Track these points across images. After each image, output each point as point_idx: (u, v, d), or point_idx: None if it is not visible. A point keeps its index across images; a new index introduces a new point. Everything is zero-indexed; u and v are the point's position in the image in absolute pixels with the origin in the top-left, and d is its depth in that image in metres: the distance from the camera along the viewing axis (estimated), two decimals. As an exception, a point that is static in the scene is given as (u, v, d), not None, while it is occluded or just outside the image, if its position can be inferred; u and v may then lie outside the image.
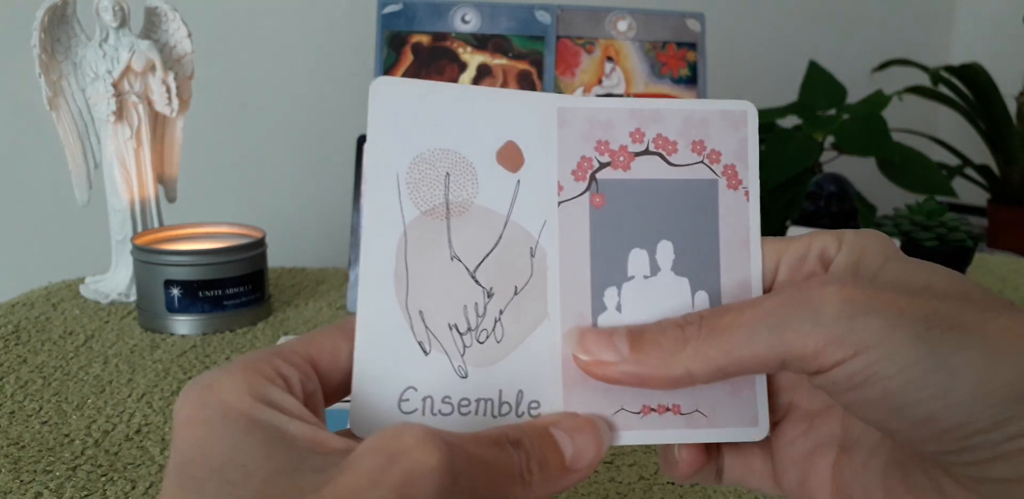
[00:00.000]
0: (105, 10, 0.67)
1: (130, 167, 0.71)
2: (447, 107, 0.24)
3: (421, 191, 0.23)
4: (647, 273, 0.24)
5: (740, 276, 0.24)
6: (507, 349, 0.23)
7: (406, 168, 0.23)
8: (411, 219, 0.23)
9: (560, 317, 0.24)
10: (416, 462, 0.18)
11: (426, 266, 0.23)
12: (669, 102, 0.25)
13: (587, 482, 0.42)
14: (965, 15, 2.19)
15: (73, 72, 0.69)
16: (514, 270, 0.24)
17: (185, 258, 0.63)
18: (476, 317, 0.23)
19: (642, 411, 0.24)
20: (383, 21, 0.75)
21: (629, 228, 0.24)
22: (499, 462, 0.20)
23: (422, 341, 0.23)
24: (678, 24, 0.77)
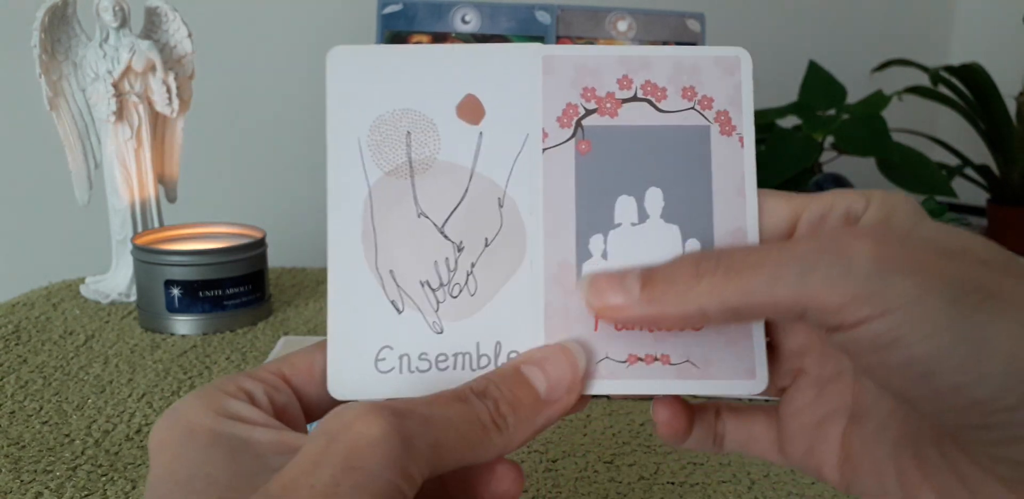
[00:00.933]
0: (105, 10, 0.67)
1: (130, 167, 0.71)
2: (404, 68, 0.24)
3: (383, 152, 0.24)
4: (635, 220, 0.24)
5: (734, 225, 0.23)
6: (482, 301, 0.23)
7: (367, 131, 0.24)
8: (375, 180, 0.24)
9: (543, 264, 0.23)
10: (358, 434, 0.18)
11: (393, 225, 0.23)
12: (658, 49, 0.24)
13: (587, 482, 0.42)
14: (965, 15, 2.19)
15: (73, 72, 0.69)
16: (483, 222, 0.24)
17: (185, 258, 0.63)
18: (448, 272, 0.23)
19: (628, 360, 0.23)
20: (383, 21, 0.75)
21: (616, 175, 0.24)
22: (463, 415, 0.20)
23: (394, 300, 0.23)
24: (678, 24, 0.78)
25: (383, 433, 0.18)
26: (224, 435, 0.20)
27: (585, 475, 0.43)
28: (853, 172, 1.45)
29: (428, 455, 0.19)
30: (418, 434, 0.19)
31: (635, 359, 0.23)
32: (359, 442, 0.18)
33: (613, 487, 0.42)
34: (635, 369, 0.23)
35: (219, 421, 0.20)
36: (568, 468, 0.44)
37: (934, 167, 1.47)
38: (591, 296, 0.22)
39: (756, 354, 0.23)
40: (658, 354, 0.23)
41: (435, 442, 0.19)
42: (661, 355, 0.23)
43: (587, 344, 0.23)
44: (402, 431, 0.18)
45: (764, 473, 0.44)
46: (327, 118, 0.24)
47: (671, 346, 0.23)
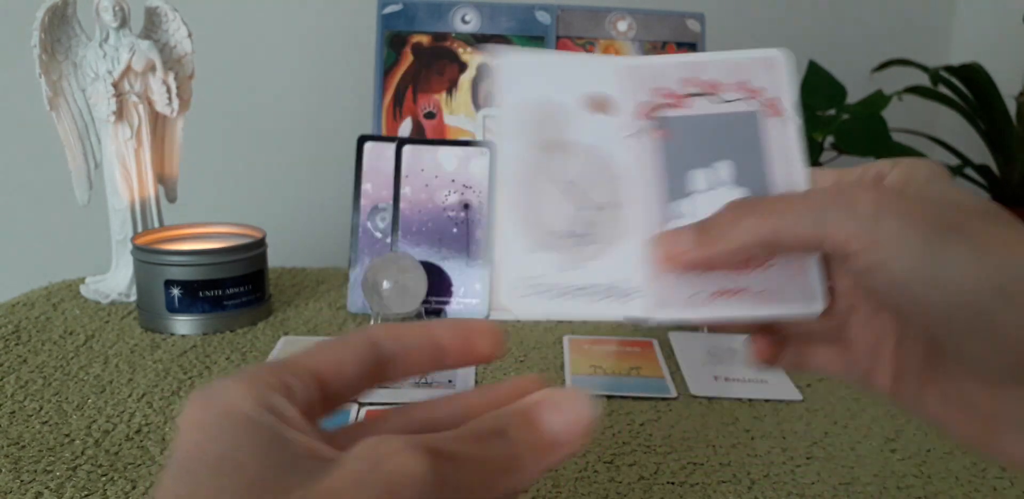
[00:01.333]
0: (105, 10, 0.67)
1: (130, 167, 0.71)
2: (550, 67, 0.31)
3: (535, 133, 0.30)
4: (712, 186, 0.30)
5: (788, 186, 0.29)
6: (604, 251, 0.29)
7: (525, 116, 0.30)
8: (530, 155, 0.30)
9: (642, 225, 0.29)
10: (402, 467, 0.18)
11: (542, 189, 0.30)
12: (712, 54, 0.31)
13: (587, 482, 0.42)
14: (965, 15, 2.19)
15: (73, 72, 0.69)
16: (603, 189, 0.30)
17: (185, 258, 0.63)
18: (582, 225, 0.30)
19: (715, 294, 0.28)
20: (383, 21, 0.75)
21: (691, 153, 0.30)
22: (486, 457, 0.20)
23: (541, 245, 0.29)
24: (678, 24, 0.77)
25: (426, 472, 0.19)
26: (262, 425, 0.20)
27: (585, 475, 0.43)
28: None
29: (457, 494, 0.19)
30: (450, 475, 0.19)
31: (719, 293, 0.28)
32: (402, 474, 0.18)
33: (613, 487, 0.42)
34: (720, 301, 0.28)
35: (258, 410, 0.20)
36: (568, 468, 0.44)
37: (934, 167, 1.47)
38: (657, 249, 0.28)
39: (815, 283, 0.28)
40: (738, 288, 0.28)
41: (462, 483, 0.19)
42: (741, 289, 0.28)
43: (682, 282, 0.28)
44: (440, 472, 0.19)
45: (764, 473, 0.44)
46: (497, 104, 0.31)
47: (749, 280, 0.28)
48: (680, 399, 0.54)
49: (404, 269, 0.65)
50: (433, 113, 0.74)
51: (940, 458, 0.46)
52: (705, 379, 0.57)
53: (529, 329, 0.68)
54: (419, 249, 0.71)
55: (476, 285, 0.71)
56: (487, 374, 0.57)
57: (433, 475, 0.19)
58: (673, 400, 0.54)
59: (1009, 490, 0.43)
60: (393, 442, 0.19)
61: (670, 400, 0.54)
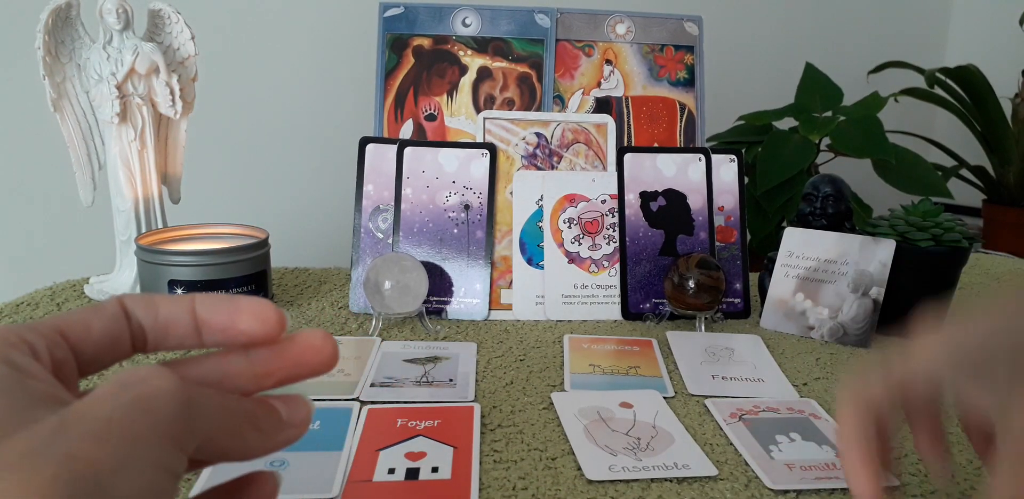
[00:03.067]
0: (109, 13, 0.67)
1: (134, 168, 0.71)
2: None
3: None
4: None
5: None
6: None
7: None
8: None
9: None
10: (152, 387, 0.20)
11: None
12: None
13: (586, 480, 0.43)
14: (960, 18, 2.20)
15: (77, 74, 0.70)
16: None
17: (189, 258, 0.64)
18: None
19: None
20: (384, 24, 0.76)
21: None
22: (235, 406, 0.22)
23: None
24: (676, 27, 0.78)
25: (175, 389, 0.20)
26: (1, 376, 0.21)
27: (584, 473, 0.44)
28: (849, 173, 1.46)
29: (204, 423, 0.21)
30: (197, 401, 0.21)
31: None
32: (156, 392, 0.20)
33: (612, 485, 0.43)
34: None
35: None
36: (567, 466, 0.45)
37: (930, 168, 1.48)
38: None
39: None
40: None
41: (209, 413, 0.21)
42: None
43: None
44: (187, 392, 0.21)
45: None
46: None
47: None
48: (677, 398, 0.55)
49: (406, 269, 0.66)
50: (434, 115, 0.75)
51: (933, 455, 0.47)
52: (703, 378, 0.58)
53: (529, 328, 0.69)
54: (420, 249, 0.71)
55: (476, 285, 0.71)
56: (487, 372, 0.58)
57: (183, 393, 0.20)
58: (671, 399, 0.54)
59: (1000, 486, 0.44)
60: (143, 368, 0.21)
61: (668, 399, 0.54)
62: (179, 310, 0.24)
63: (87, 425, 0.19)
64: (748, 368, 0.60)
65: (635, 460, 0.45)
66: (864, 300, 0.65)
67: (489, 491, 0.42)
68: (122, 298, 0.25)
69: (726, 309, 0.73)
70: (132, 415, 0.19)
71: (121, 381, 0.20)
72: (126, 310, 0.24)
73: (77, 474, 0.18)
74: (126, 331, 0.24)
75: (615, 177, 0.74)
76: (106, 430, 0.19)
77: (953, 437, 0.48)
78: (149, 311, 0.24)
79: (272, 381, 0.25)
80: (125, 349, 0.24)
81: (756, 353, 0.63)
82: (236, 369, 0.24)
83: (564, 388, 0.55)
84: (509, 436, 0.48)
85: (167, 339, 0.24)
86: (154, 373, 0.20)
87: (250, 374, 0.24)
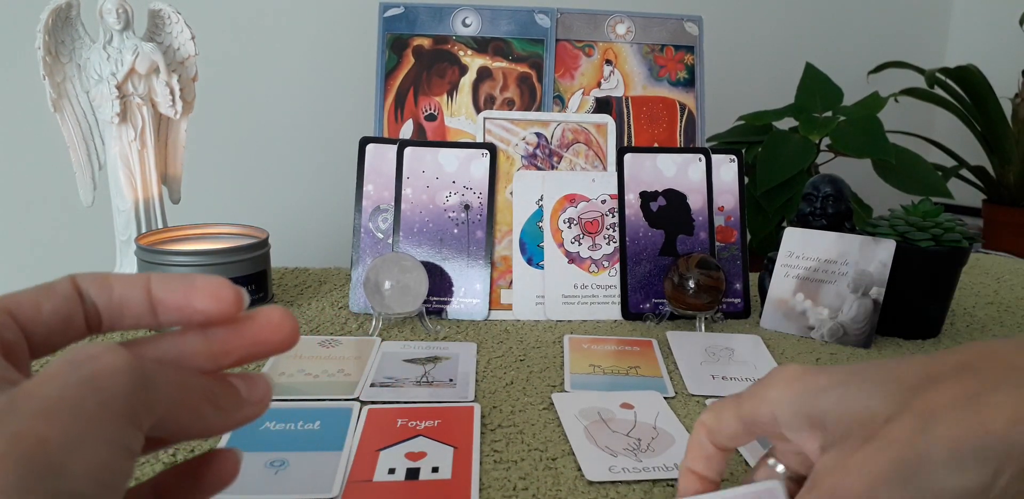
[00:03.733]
0: (109, 13, 0.67)
1: (134, 168, 0.71)
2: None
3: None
4: None
5: None
6: None
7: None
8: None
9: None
10: (103, 363, 0.19)
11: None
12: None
13: (587, 481, 0.43)
14: (960, 18, 2.20)
15: (77, 74, 0.70)
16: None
17: (189, 258, 0.64)
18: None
19: None
20: (384, 24, 0.76)
21: None
22: (192, 382, 0.22)
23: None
24: (676, 27, 0.78)
25: (127, 365, 0.20)
26: None
27: (584, 474, 0.44)
28: (849, 173, 1.47)
29: (160, 399, 0.20)
30: (152, 376, 0.20)
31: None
32: (106, 368, 0.19)
33: (613, 486, 0.43)
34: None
35: None
36: (568, 467, 0.45)
37: (930, 168, 1.48)
38: None
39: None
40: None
41: (165, 388, 0.21)
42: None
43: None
44: (141, 367, 0.20)
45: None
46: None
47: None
48: (678, 398, 0.55)
49: (405, 269, 0.66)
50: (434, 115, 0.75)
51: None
52: (703, 378, 0.58)
53: (529, 328, 0.69)
54: (420, 249, 0.71)
55: (476, 285, 0.71)
56: (488, 372, 0.58)
57: (140, 370, 0.20)
58: (671, 399, 0.54)
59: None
60: (94, 346, 0.20)
61: (668, 399, 0.54)
62: (134, 289, 0.24)
63: (36, 403, 0.18)
64: (748, 368, 0.60)
65: (636, 461, 0.45)
66: (864, 300, 0.65)
67: (489, 491, 0.42)
68: (75, 277, 0.24)
69: (726, 309, 0.73)
70: (83, 392, 0.19)
71: (71, 359, 0.20)
72: (79, 289, 0.23)
73: (26, 452, 0.17)
74: (79, 311, 0.23)
75: (615, 177, 0.74)
76: (56, 408, 0.18)
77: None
78: (103, 291, 0.24)
79: (231, 360, 0.24)
80: (79, 329, 0.23)
81: (756, 353, 0.63)
82: (193, 348, 0.24)
83: (564, 388, 0.55)
84: (509, 436, 0.48)
85: (122, 319, 0.24)
86: (105, 350, 0.20)
87: (208, 353, 0.24)
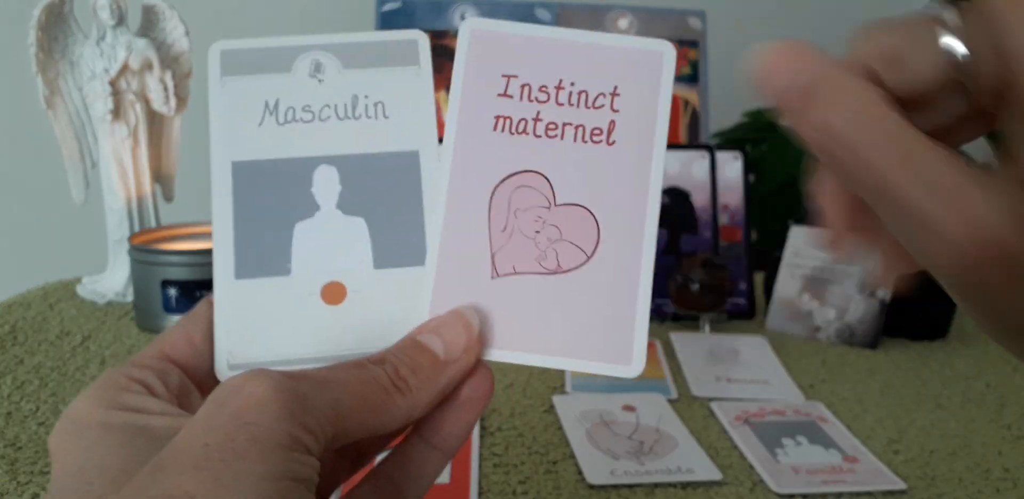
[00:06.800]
0: (102, 8, 0.66)
1: (127, 166, 0.70)
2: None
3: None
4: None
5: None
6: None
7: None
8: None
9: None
10: (248, 395, 0.18)
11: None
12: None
13: (588, 483, 0.42)
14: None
15: (70, 71, 0.69)
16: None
17: (182, 258, 0.63)
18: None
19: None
20: (382, 19, 0.75)
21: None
22: (361, 378, 0.21)
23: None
24: (679, 22, 0.77)
25: (273, 390, 0.18)
26: (116, 426, 0.20)
27: (586, 478, 0.43)
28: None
29: (328, 414, 0.19)
30: (313, 393, 0.19)
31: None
32: (250, 400, 0.18)
33: (615, 490, 0.42)
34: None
35: (110, 414, 0.20)
36: (569, 470, 0.44)
37: (935, 166, 1.47)
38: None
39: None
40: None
41: (334, 401, 0.19)
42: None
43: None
44: (294, 389, 0.19)
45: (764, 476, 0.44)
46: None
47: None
48: (681, 400, 0.54)
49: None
50: (432, 112, 0.74)
51: (943, 459, 0.46)
52: (706, 380, 0.57)
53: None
54: (418, 248, 0.70)
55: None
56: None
57: (289, 392, 0.18)
58: (674, 401, 0.53)
59: (1012, 491, 0.43)
60: (236, 379, 0.19)
61: (671, 401, 0.53)
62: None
63: (183, 458, 0.17)
64: (753, 370, 0.59)
65: (638, 464, 0.44)
66: (871, 301, 0.64)
67: (489, 495, 0.41)
68: (209, 298, 0.24)
69: (730, 310, 0.72)
70: (230, 432, 0.18)
71: (216, 398, 0.19)
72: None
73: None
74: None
75: (617, 174, 0.73)
76: (204, 458, 0.17)
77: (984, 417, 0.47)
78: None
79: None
80: None
81: (761, 355, 0.62)
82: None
83: (565, 391, 0.54)
84: (509, 439, 0.47)
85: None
86: (248, 380, 0.19)
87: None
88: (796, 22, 1.94)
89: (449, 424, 0.23)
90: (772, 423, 0.50)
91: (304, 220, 0.25)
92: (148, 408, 0.21)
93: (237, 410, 0.18)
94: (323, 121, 0.26)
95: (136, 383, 0.22)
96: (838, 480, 0.43)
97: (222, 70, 0.26)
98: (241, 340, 0.24)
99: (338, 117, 0.26)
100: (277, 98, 0.26)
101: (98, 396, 0.21)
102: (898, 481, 0.43)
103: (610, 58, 0.25)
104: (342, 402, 0.20)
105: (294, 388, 0.19)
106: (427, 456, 0.23)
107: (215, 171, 0.25)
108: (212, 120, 0.25)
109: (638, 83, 0.25)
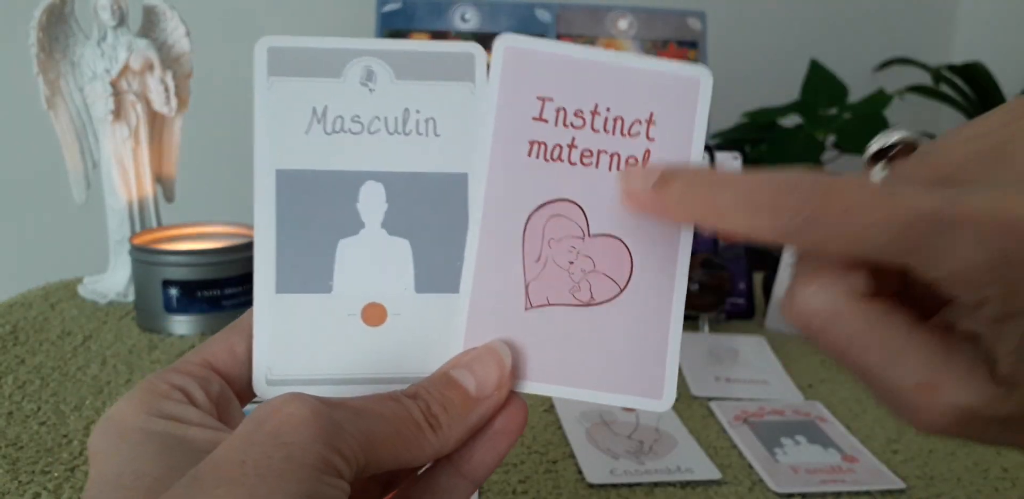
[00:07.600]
0: (103, 9, 0.67)
1: (128, 167, 0.70)
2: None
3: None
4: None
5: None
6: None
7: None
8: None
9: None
10: (287, 415, 0.19)
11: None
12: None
13: (588, 483, 0.42)
14: (967, 14, 2.19)
15: (71, 71, 0.69)
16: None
17: (183, 258, 0.63)
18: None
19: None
20: (382, 20, 0.75)
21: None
22: (396, 412, 0.21)
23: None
24: (679, 23, 0.77)
25: (312, 413, 0.19)
26: (156, 433, 0.20)
27: (585, 477, 0.43)
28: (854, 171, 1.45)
29: (361, 442, 0.19)
30: (348, 421, 0.19)
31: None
32: (289, 420, 0.19)
33: (614, 489, 0.42)
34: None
35: (151, 421, 0.21)
36: (568, 470, 0.44)
37: (936, 166, 1.47)
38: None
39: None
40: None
41: (367, 431, 0.20)
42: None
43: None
44: (331, 414, 0.19)
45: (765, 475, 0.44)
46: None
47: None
48: (680, 400, 0.54)
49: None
50: (433, 112, 0.74)
51: (942, 459, 0.46)
52: (706, 380, 0.57)
53: (529, 329, 0.68)
54: (419, 249, 0.70)
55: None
56: (487, 374, 0.57)
57: (326, 416, 0.19)
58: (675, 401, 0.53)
59: (1011, 491, 0.43)
60: (276, 400, 0.19)
61: (671, 400, 0.53)
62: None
63: (220, 472, 0.18)
64: (752, 370, 0.59)
65: (637, 464, 0.44)
66: (871, 299, 0.64)
67: (488, 495, 0.41)
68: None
69: (729, 310, 0.72)
70: (267, 450, 0.18)
71: (255, 416, 0.19)
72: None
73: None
74: None
75: (617, 175, 0.73)
76: (240, 474, 0.17)
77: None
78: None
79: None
80: None
81: (761, 354, 0.62)
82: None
83: (564, 390, 0.54)
84: (508, 439, 0.47)
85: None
86: (288, 401, 0.19)
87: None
88: (796, 22, 1.94)
89: (480, 453, 0.23)
90: (771, 423, 0.50)
91: (348, 237, 0.24)
92: (188, 418, 0.21)
93: (275, 429, 0.18)
94: (372, 134, 0.24)
95: (177, 390, 0.22)
96: (837, 479, 0.43)
97: (269, 69, 0.24)
98: (280, 356, 0.24)
99: (388, 131, 0.25)
100: (326, 105, 0.24)
101: (140, 401, 0.21)
102: (897, 481, 0.43)
103: (646, 83, 0.24)
104: (375, 433, 0.20)
105: (330, 414, 0.19)
106: (454, 484, 0.23)
107: (258, 178, 0.24)
108: (257, 122, 0.24)
109: (674, 111, 0.24)
